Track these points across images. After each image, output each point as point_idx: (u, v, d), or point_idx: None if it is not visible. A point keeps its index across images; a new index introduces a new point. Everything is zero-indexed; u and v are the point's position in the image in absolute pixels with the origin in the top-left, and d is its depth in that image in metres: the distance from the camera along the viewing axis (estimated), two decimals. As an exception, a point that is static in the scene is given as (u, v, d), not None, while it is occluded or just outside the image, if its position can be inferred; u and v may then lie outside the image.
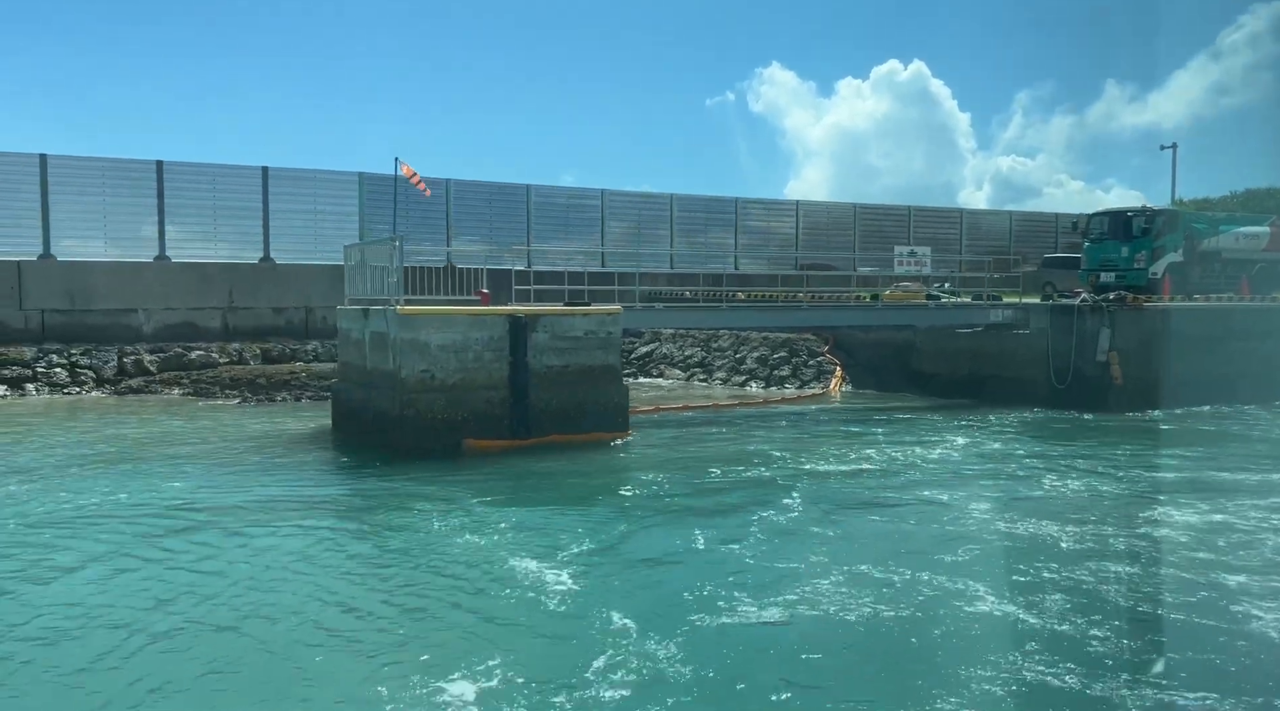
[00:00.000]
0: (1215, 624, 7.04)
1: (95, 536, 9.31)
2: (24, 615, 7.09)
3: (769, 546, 9.26)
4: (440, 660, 6.21)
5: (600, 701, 5.58)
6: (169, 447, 14.62)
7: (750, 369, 25.12)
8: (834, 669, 6.17)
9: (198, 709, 5.57)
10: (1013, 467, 13.63)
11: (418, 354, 13.91)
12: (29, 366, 23.24)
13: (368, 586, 7.94)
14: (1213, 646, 6.59)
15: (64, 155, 26.45)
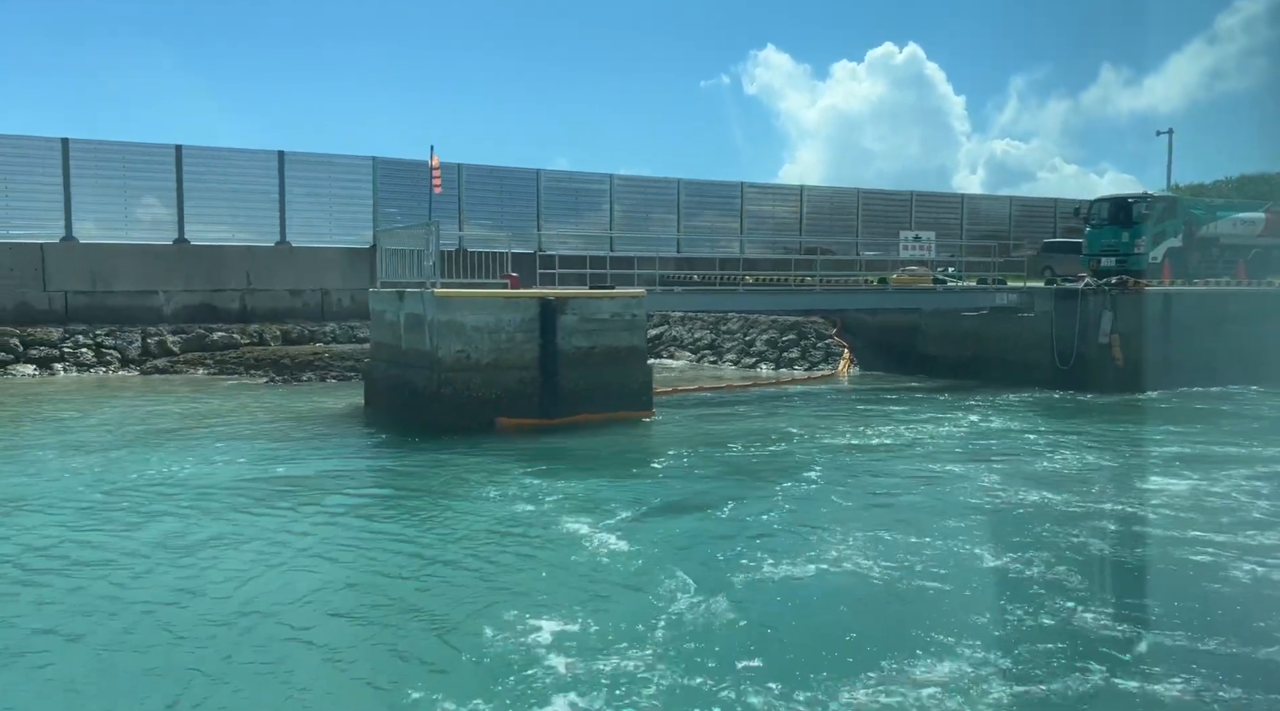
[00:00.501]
0: (1198, 573, 7.79)
1: (171, 506, 9.94)
2: (136, 581, 7.72)
3: (794, 512, 9.96)
4: (518, 607, 6.85)
5: (659, 643, 6.21)
6: (216, 423, 15.23)
7: (760, 351, 25.76)
8: (858, 618, 6.81)
9: (299, 660, 6.19)
10: (1019, 442, 14.31)
11: (454, 334, 14.52)
12: (56, 346, 23.77)
13: (441, 545, 8.58)
14: (1194, 592, 7.30)
15: (85, 139, 26.87)
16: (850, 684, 5.66)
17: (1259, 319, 21.68)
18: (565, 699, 5.44)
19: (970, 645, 6.26)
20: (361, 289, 30.23)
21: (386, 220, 30.85)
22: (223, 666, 5.94)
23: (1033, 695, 5.59)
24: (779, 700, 5.44)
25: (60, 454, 12.52)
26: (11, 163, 26.02)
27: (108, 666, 5.95)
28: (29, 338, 23.67)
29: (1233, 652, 6.20)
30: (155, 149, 27.85)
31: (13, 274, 25.55)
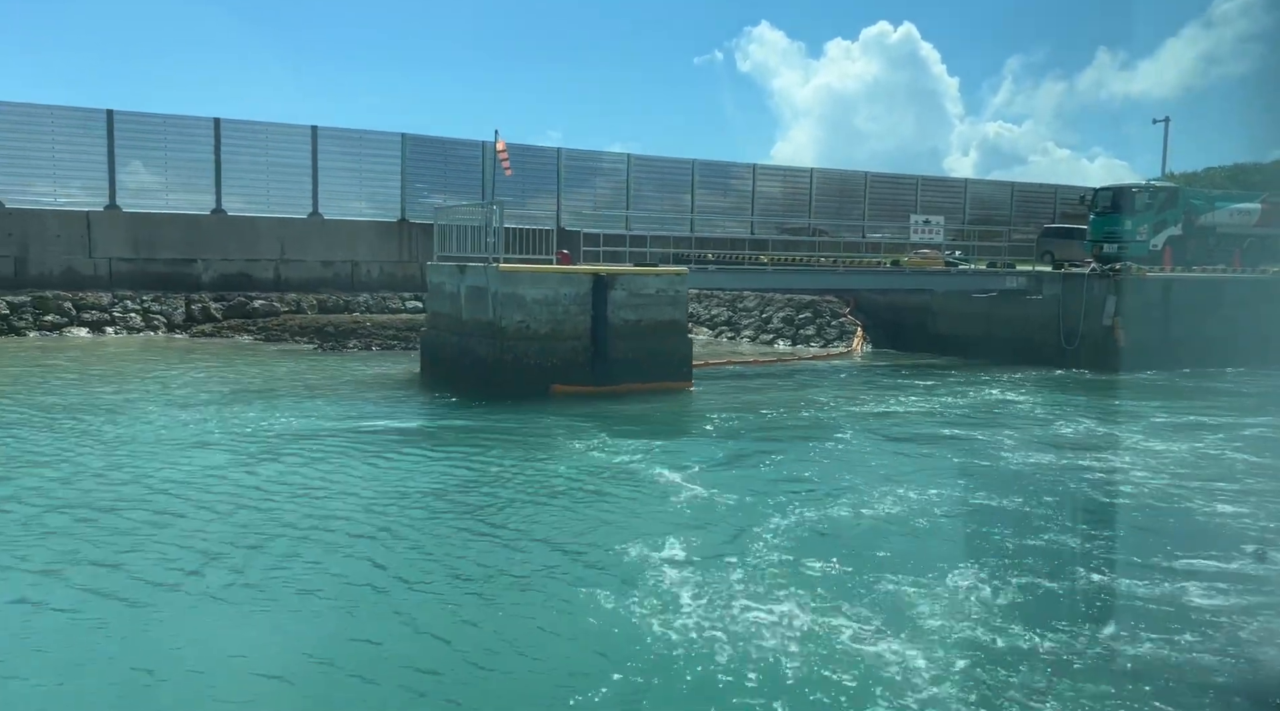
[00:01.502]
0: (1176, 513, 9.14)
1: (299, 449, 11.15)
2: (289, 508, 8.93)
3: (835, 463, 11.41)
4: (618, 536, 8.07)
5: (733, 566, 7.43)
6: (296, 384, 16.42)
7: (777, 328, 26.99)
8: (894, 552, 8.04)
9: (420, 588, 7.40)
10: (1030, 412, 15.65)
11: (516, 306, 15.69)
12: (106, 311, 24.82)
13: (544, 483, 9.81)
14: (1171, 533, 8.62)
15: (129, 111, 27.71)
16: (886, 585, 6.92)
17: (1253, 305, 23.03)
18: (682, 596, 6.67)
19: (975, 563, 7.57)
20: (390, 261, 31.37)
21: (415, 195, 31.87)
22: (382, 573, 7.16)
23: (1016, 602, 6.86)
24: (837, 595, 6.69)
25: (180, 408, 13.75)
26: (59, 133, 26.88)
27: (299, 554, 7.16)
28: (81, 302, 24.71)
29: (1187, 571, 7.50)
30: (194, 121, 28.72)
31: (59, 240, 26.52)
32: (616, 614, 6.46)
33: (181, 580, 6.99)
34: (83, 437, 11.73)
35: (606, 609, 6.55)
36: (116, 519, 8.43)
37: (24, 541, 7.76)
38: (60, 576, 7.02)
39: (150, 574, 7.07)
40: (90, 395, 14.84)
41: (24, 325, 23.62)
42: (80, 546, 7.67)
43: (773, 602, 6.68)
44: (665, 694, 5.39)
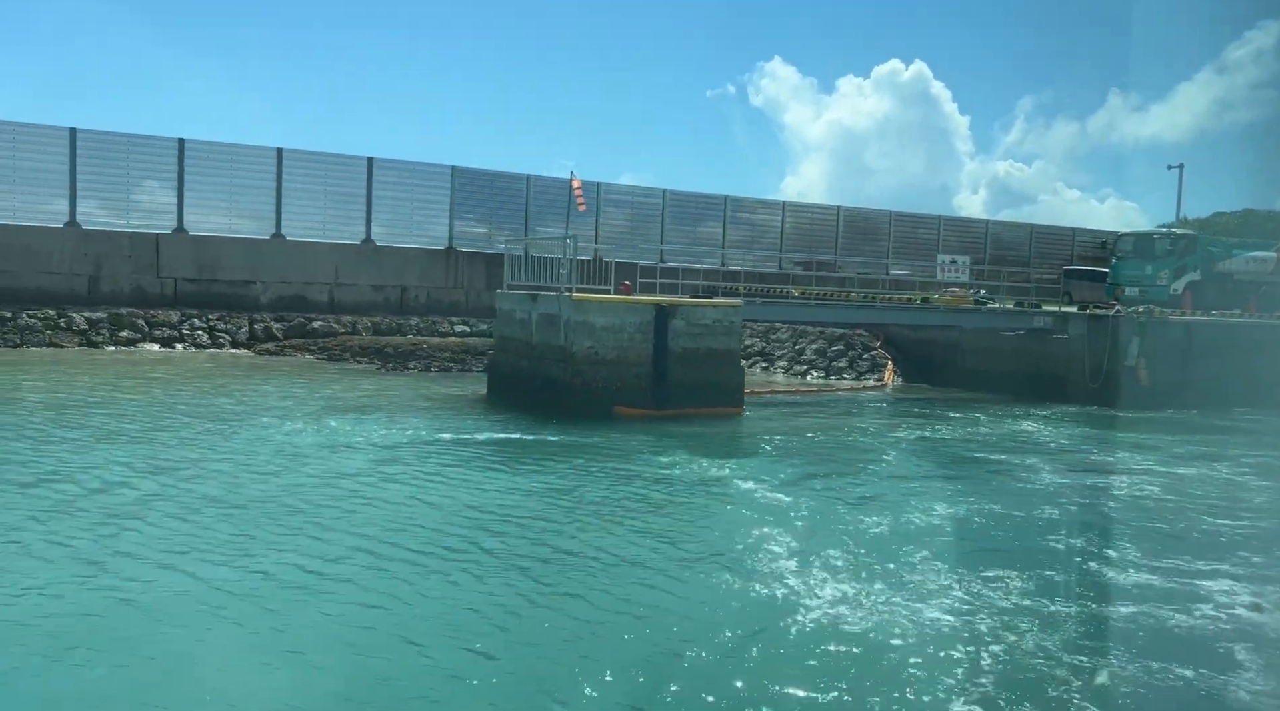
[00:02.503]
0: (1195, 528, 10.22)
1: (405, 457, 12.34)
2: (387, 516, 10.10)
3: (887, 480, 12.65)
4: (709, 535, 9.21)
5: (809, 563, 8.56)
6: (382, 402, 17.59)
7: (810, 359, 28.17)
8: (946, 554, 9.15)
9: (525, 586, 8.54)
10: (1061, 444, 16.77)
11: (586, 333, 16.93)
12: (175, 328, 26.16)
13: (637, 489, 10.96)
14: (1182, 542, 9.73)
15: (198, 140, 29.25)
16: (942, 576, 8.05)
17: (1268, 348, 24.15)
18: (792, 582, 7.79)
19: (1014, 564, 8.69)
20: (437, 286, 32.71)
21: (462, 224, 33.31)
22: (495, 566, 8.32)
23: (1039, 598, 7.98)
24: (907, 581, 7.82)
25: (294, 419, 15.05)
26: (134, 159, 28.41)
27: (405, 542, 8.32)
28: (152, 319, 26.05)
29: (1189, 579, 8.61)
30: (258, 151, 30.24)
31: (130, 261, 27.95)
32: (725, 600, 7.61)
33: (328, 567, 8.16)
34: (222, 442, 13.02)
35: (713, 597, 7.69)
36: (281, 512, 9.62)
37: (202, 535, 8.95)
38: (225, 563, 8.20)
39: (306, 561, 8.23)
40: (210, 405, 16.15)
41: (101, 340, 24.95)
42: (241, 537, 8.85)
43: (859, 594, 7.83)
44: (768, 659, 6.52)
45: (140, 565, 7.79)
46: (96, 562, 7.81)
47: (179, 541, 8.44)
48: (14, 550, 8.05)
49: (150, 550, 8.17)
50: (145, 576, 7.51)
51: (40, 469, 10.99)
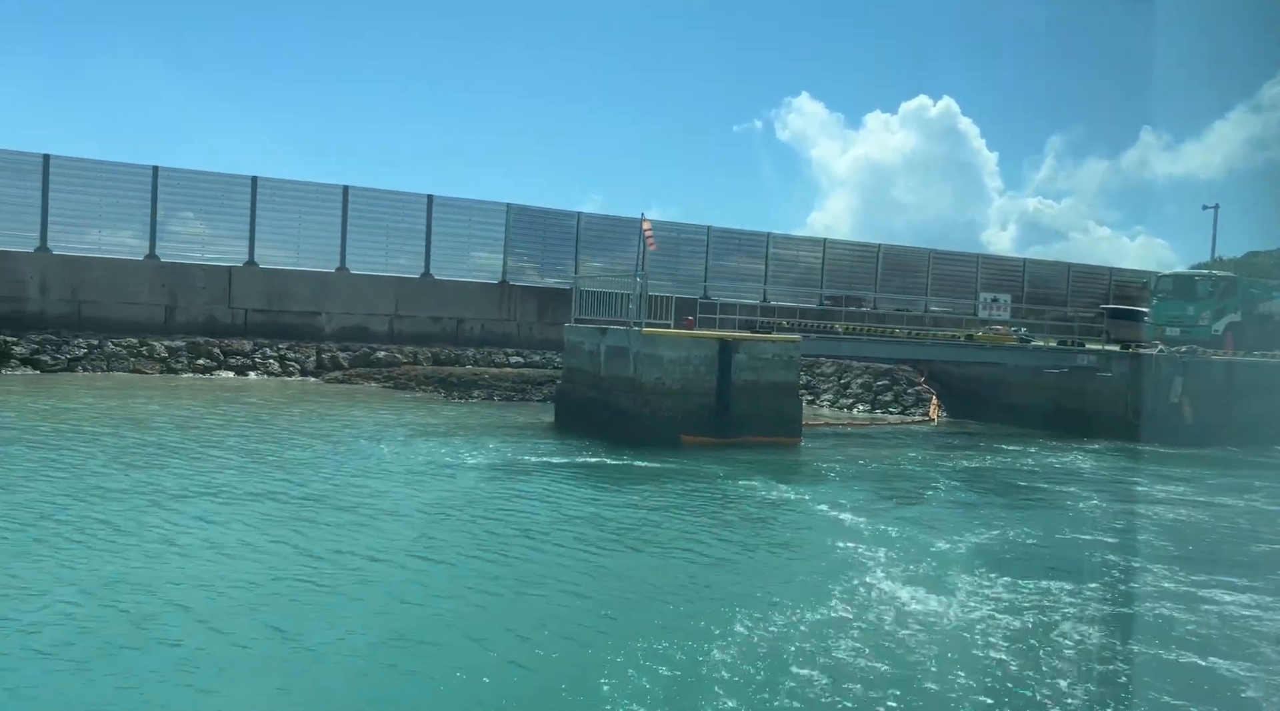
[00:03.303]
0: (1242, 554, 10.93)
1: (492, 478, 13.31)
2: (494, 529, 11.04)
3: (944, 506, 13.64)
4: (790, 545, 10.06)
5: (891, 574, 9.36)
6: (460, 429, 18.61)
7: (856, 393, 28.95)
8: (1001, 567, 9.92)
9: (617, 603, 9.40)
10: (1108, 476, 17.50)
11: (654, 365, 17.90)
12: (249, 356, 27.44)
13: (719, 508, 11.83)
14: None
15: (270, 178, 30.78)
16: (997, 587, 8.83)
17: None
18: (882, 591, 8.62)
19: (1056, 577, 9.45)
20: (491, 319, 33.87)
21: (515, 260, 34.55)
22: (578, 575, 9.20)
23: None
24: (970, 591, 8.61)
25: (389, 443, 16.14)
26: (209, 196, 29.94)
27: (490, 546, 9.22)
28: (227, 348, 27.36)
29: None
30: (326, 188, 31.70)
31: (204, 292, 29.35)
32: (815, 604, 8.46)
33: (435, 570, 9.10)
34: (342, 461, 14.22)
35: (805, 600, 8.55)
36: (417, 524, 10.61)
37: (318, 545, 9.94)
38: (325, 563, 9.17)
39: (415, 566, 9.18)
40: (317, 428, 17.39)
41: (180, 366, 26.26)
42: (371, 546, 9.83)
43: (930, 601, 8.65)
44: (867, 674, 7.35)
45: (296, 563, 8.77)
46: (265, 561, 8.81)
47: (331, 544, 9.43)
48: (195, 548, 9.07)
49: (305, 553, 9.16)
50: (299, 573, 8.49)
51: (192, 482, 12.06)
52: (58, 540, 9.15)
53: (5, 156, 27.57)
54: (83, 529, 9.59)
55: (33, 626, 6.91)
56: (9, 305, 26.96)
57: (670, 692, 6.39)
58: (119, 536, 9.41)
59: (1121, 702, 6.69)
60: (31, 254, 27.53)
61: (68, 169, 28.21)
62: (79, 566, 8.38)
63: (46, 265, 27.57)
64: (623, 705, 6.17)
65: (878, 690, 6.58)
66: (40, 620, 7.04)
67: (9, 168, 27.49)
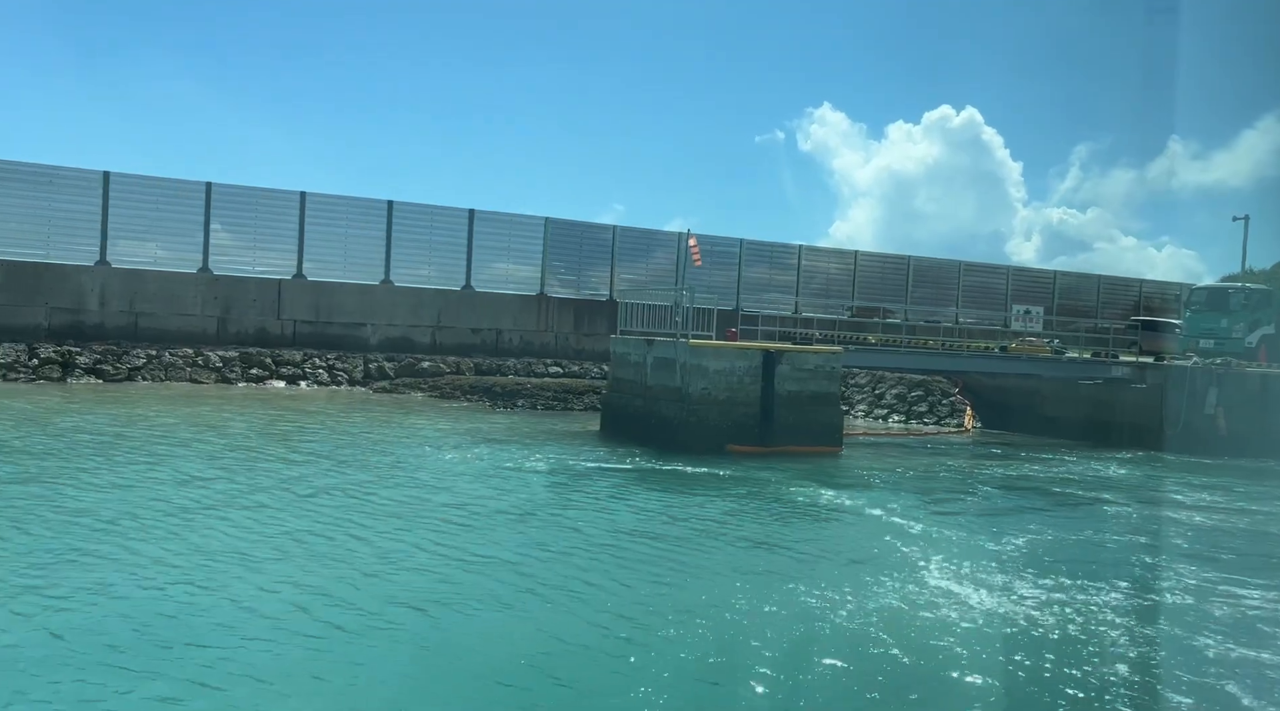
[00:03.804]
0: None
1: (553, 482, 13.95)
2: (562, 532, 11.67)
3: (988, 511, 14.15)
4: (847, 545, 10.60)
5: (946, 572, 9.88)
6: (515, 436, 19.33)
7: (890, 404, 29.39)
8: (1049, 569, 10.42)
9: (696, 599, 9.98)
10: (1143, 485, 17.91)
11: (700, 375, 18.50)
12: (299, 366, 28.31)
13: (772, 509, 12.40)
14: None
15: (318, 193, 31.72)
16: (1041, 587, 9.33)
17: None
18: (942, 589, 9.14)
19: (1104, 579, 9.93)
20: (529, 330, 34.62)
21: (553, 272, 35.31)
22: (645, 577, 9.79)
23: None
24: (1013, 587, 9.11)
25: (449, 449, 16.89)
26: (260, 211, 30.91)
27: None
28: (278, 358, 28.25)
29: None
30: (372, 203, 32.60)
31: (255, 304, 30.30)
32: (874, 600, 9.01)
33: (532, 568, 9.73)
34: (414, 466, 15.03)
35: (865, 598, 9.10)
36: (493, 524, 11.27)
37: (420, 541, 10.61)
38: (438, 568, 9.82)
39: (510, 569, 9.82)
40: (382, 435, 18.21)
41: (234, 376, 27.16)
42: (454, 544, 10.49)
43: (982, 595, 9.18)
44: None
45: (379, 562, 9.45)
46: (394, 557, 9.48)
47: (415, 546, 10.10)
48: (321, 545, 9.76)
49: (431, 552, 9.83)
50: (433, 571, 9.16)
51: (298, 484, 12.81)
52: (196, 531, 9.86)
53: (68, 173, 28.65)
54: (221, 521, 10.33)
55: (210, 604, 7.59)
56: (71, 316, 28.01)
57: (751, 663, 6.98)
58: (242, 531, 10.18)
59: (1162, 698, 7.19)
60: (92, 267, 28.57)
61: (126, 185, 29.26)
62: (226, 552, 9.09)
63: (106, 278, 28.59)
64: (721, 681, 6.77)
65: (933, 677, 7.13)
66: (219, 600, 7.73)
67: (72, 184, 28.57)
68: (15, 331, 26.85)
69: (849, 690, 6.86)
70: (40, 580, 8.23)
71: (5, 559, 8.76)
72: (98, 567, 8.67)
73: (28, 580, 8.21)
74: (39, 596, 7.79)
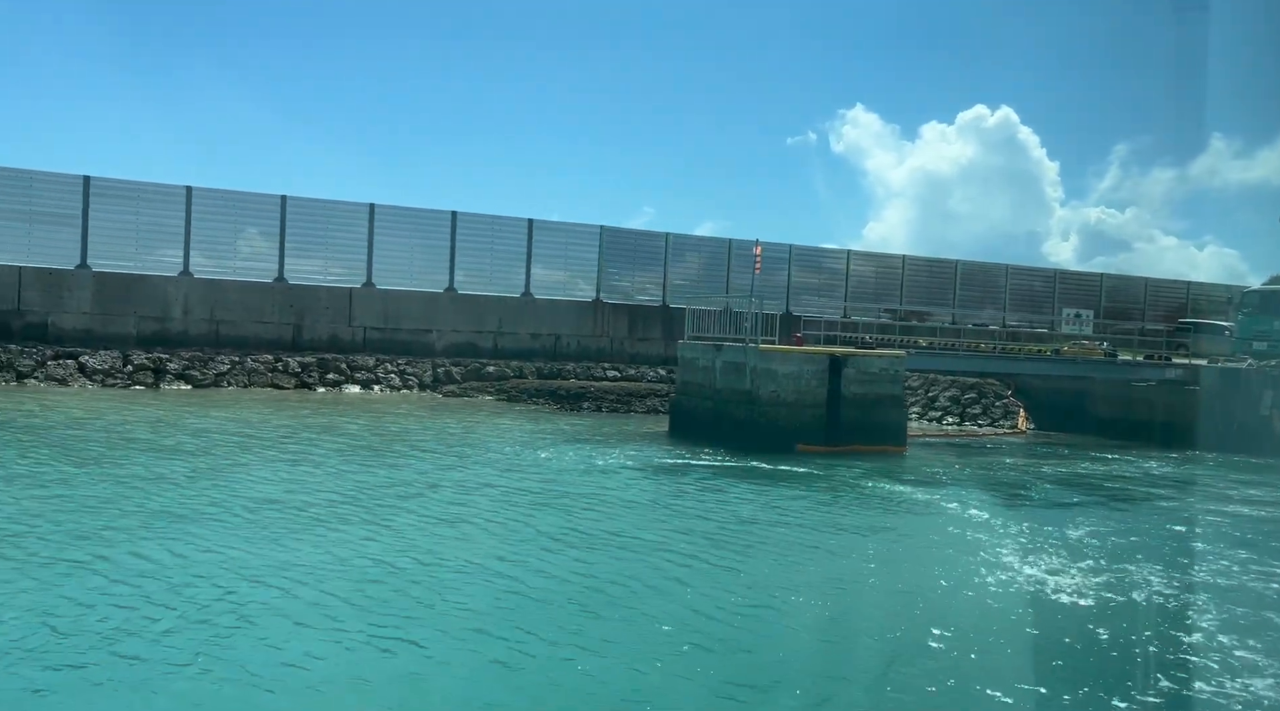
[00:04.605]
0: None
1: (640, 478, 14.92)
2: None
3: (1058, 505, 15.00)
4: (930, 533, 11.43)
5: (1017, 564, 10.67)
6: (593, 436, 20.40)
7: (944, 406, 30.04)
8: (1123, 557, 11.16)
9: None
10: (1200, 483, 18.57)
11: (769, 379, 19.38)
12: (372, 371, 29.55)
13: (853, 502, 13.26)
14: None
15: (386, 205, 33.02)
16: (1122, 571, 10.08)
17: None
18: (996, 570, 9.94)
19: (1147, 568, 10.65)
20: (586, 335, 35.67)
21: (608, 279, 36.34)
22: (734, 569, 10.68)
23: None
24: (1087, 571, 9.87)
25: (540, 448, 18.01)
26: (330, 223, 32.27)
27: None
28: (353, 364, 29.52)
29: None
30: (436, 214, 33.85)
31: (327, 312, 31.62)
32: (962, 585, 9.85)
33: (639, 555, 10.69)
34: (514, 462, 16.18)
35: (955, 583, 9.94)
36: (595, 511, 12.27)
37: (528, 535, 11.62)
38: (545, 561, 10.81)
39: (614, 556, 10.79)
40: (475, 435, 19.47)
41: (312, 381, 28.46)
42: (560, 532, 11.47)
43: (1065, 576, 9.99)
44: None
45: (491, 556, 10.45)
46: (529, 542, 10.51)
47: (522, 541, 11.10)
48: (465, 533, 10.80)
49: (498, 546, 10.84)
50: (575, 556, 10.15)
51: (429, 477, 14.04)
52: (352, 521, 10.94)
53: (153, 189, 30.17)
54: (370, 511, 11.44)
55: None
56: (157, 324, 29.48)
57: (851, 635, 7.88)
58: (424, 513, 11.55)
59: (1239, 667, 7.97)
60: (175, 277, 30.04)
61: (207, 199, 30.71)
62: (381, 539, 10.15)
63: (189, 288, 30.04)
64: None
65: (1018, 653, 7.98)
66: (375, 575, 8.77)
67: (157, 199, 30.08)
68: (109, 339, 28.34)
69: (962, 646, 7.73)
70: (290, 555, 9.50)
71: (263, 544, 9.93)
72: (341, 543, 9.92)
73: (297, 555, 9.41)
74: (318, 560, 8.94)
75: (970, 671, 7.34)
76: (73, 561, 8.88)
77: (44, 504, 11.06)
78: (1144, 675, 7.47)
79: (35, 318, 28.39)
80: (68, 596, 7.88)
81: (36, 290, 28.47)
